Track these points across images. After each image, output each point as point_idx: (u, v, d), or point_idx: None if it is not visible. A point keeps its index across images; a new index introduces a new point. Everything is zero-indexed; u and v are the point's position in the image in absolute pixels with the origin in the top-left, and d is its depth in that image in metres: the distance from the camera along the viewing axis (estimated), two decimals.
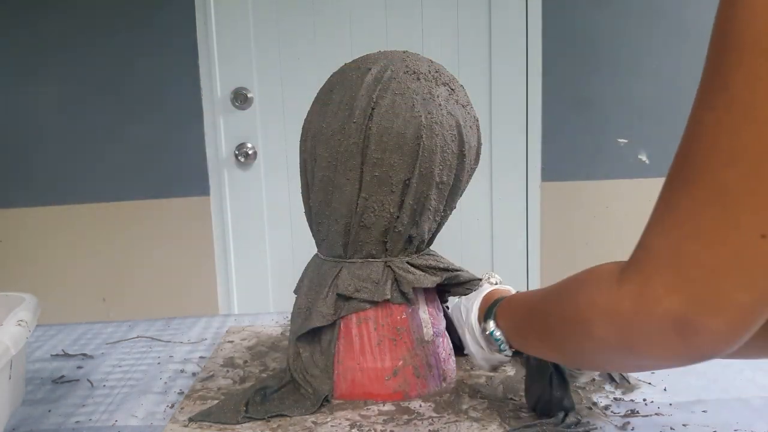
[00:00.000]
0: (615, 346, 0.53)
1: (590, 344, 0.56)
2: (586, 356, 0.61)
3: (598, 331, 0.53)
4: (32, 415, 0.86)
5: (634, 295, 0.49)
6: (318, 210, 0.86)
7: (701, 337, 0.46)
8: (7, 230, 2.06)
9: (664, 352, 0.49)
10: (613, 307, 0.51)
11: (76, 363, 1.04)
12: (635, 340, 0.50)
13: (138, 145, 2.03)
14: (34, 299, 0.85)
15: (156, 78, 2.01)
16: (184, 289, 2.09)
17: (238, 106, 2.05)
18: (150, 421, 0.83)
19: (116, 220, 2.06)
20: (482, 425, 0.77)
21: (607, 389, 0.86)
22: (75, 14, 1.98)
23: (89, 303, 2.08)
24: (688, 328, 0.46)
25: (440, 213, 0.87)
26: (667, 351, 0.49)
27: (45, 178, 2.05)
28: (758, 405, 0.81)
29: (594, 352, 0.57)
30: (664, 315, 0.47)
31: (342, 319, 0.85)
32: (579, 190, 2.13)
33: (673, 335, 0.47)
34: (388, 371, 0.84)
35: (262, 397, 0.83)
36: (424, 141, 0.79)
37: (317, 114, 0.85)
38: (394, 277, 0.84)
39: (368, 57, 0.86)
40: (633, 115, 2.11)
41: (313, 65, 2.05)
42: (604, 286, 0.52)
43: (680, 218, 0.46)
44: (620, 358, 0.56)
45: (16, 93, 2.00)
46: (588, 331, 0.54)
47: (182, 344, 1.11)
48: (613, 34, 2.07)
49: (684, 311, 0.46)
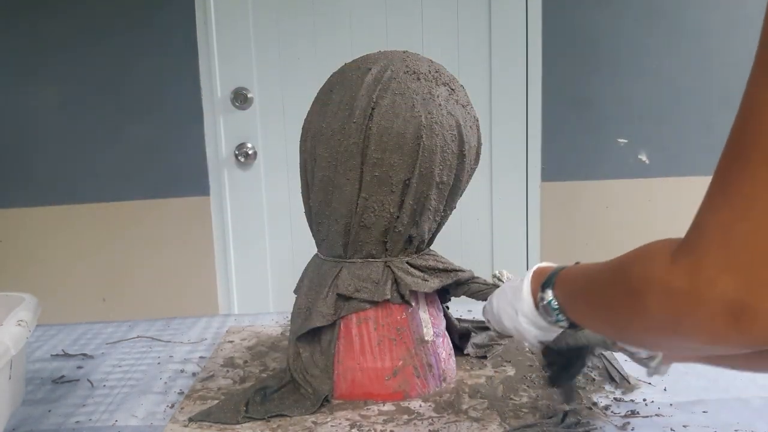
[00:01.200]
0: (663, 324, 0.51)
1: (639, 318, 0.54)
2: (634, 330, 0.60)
3: (649, 305, 0.52)
4: (32, 415, 0.86)
5: (687, 274, 0.48)
6: (318, 210, 0.86)
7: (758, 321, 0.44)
8: (7, 230, 2.06)
9: (712, 334, 0.47)
10: (666, 283, 0.50)
11: (76, 363, 1.04)
12: (684, 319, 0.49)
13: (138, 145, 2.03)
14: (34, 299, 0.85)
15: (156, 78, 2.01)
16: (184, 289, 2.09)
17: (238, 106, 2.05)
18: (150, 421, 0.83)
19: (116, 220, 2.06)
20: (482, 425, 0.77)
21: (607, 389, 0.86)
22: (75, 14, 1.97)
23: (89, 303, 2.07)
24: (745, 313, 0.45)
25: (440, 213, 0.87)
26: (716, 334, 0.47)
27: (45, 178, 2.05)
28: (758, 405, 0.81)
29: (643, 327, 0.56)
30: (719, 297, 0.45)
31: (342, 319, 0.85)
32: (579, 190, 2.13)
33: (725, 319, 0.45)
34: (388, 371, 0.84)
35: (262, 397, 0.83)
36: (424, 141, 0.79)
37: (317, 114, 0.85)
38: (394, 277, 0.84)
39: (368, 57, 0.86)
40: (633, 115, 2.11)
41: (313, 65, 2.05)
42: (658, 260, 0.51)
43: (733, 197, 0.45)
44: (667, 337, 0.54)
45: (16, 93, 1.99)
46: (639, 305, 0.53)
47: (182, 344, 1.11)
48: (613, 34, 2.07)
49: (739, 294, 0.44)
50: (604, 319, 0.65)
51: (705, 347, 0.52)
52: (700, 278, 0.46)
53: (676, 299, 0.49)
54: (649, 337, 0.58)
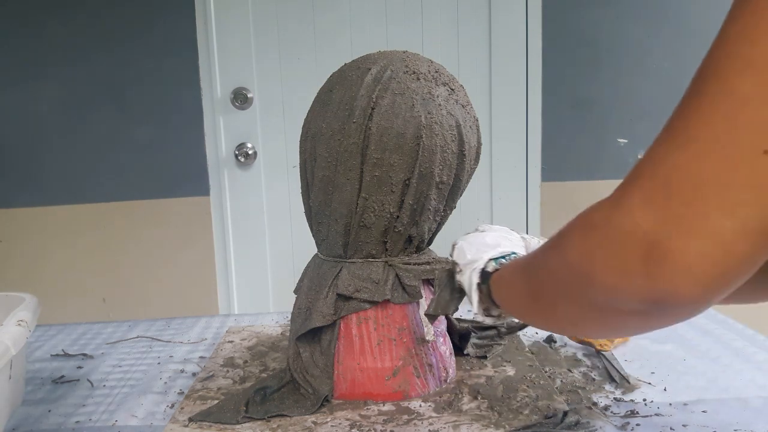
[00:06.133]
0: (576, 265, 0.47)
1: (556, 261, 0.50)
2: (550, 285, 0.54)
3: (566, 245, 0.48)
4: (32, 415, 0.86)
5: (607, 206, 0.44)
6: (318, 210, 0.86)
7: (666, 266, 0.39)
8: (7, 230, 2.06)
9: (623, 280, 0.42)
10: (586, 217, 0.46)
11: (76, 363, 1.04)
12: (597, 256, 0.44)
13: (138, 146, 2.03)
14: (34, 299, 0.85)
15: (156, 78, 2.01)
16: (184, 289, 2.09)
17: (238, 106, 2.05)
18: (150, 421, 0.83)
19: (116, 220, 2.06)
20: (482, 425, 0.77)
21: (607, 389, 0.87)
22: (75, 16, 1.98)
23: (89, 303, 2.07)
24: (654, 251, 0.39)
25: (440, 213, 0.87)
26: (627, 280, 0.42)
27: (45, 178, 2.05)
28: (758, 405, 0.81)
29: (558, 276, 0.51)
30: (632, 229, 0.41)
31: (342, 319, 0.85)
32: (579, 190, 2.13)
33: (636, 256, 0.40)
34: (388, 371, 0.84)
35: (262, 397, 0.83)
36: (424, 141, 0.79)
37: (317, 114, 0.85)
38: (394, 277, 0.85)
39: (368, 57, 0.86)
40: (633, 115, 2.11)
41: (313, 65, 2.05)
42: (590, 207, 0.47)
43: (676, 128, 0.41)
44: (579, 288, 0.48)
45: (17, 94, 2.00)
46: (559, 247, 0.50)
47: (182, 344, 1.11)
48: (613, 34, 2.07)
49: (654, 227, 0.40)
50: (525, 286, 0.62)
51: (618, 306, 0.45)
52: (620, 208, 0.42)
53: (590, 232, 0.45)
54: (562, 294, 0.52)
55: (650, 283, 0.40)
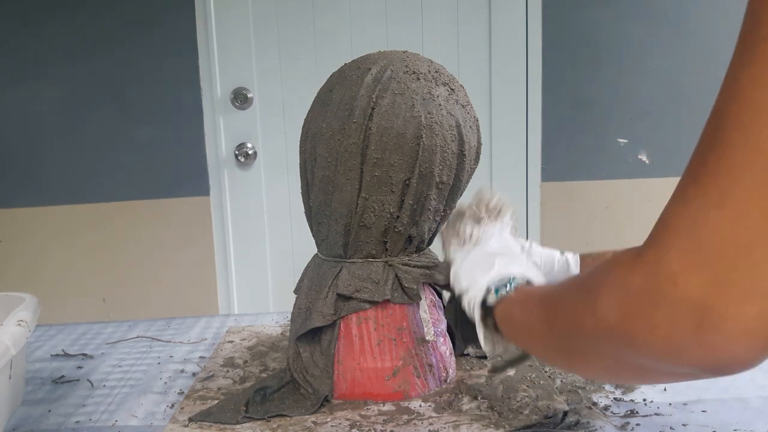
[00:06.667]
0: (615, 330, 0.44)
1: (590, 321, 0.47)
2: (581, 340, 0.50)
3: (600, 306, 0.45)
4: (32, 415, 0.86)
5: (646, 271, 0.41)
6: (318, 210, 0.86)
7: (722, 331, 0.38)
8: (7, 230, 2.06)
9: (668, 344, 0.40)
10: (622, 280, 0.43)
11: (76, 363, 1.04)
12: (641, 324, 0.41)
13: (138, 146, 2.03)
14: (34, 299, 0.85)
15: (156, 78, 2.01)
16: (184, 289, 2.09)
17: (238, 106, 2.05)
18: (150, 421, 0.83)
19: (116, 220, 2.06)
20: (482, 425, 0.77)
21: (607, 389, 0.86)
22: (75, 16, 1.98)
23: (89, 303, 2.08)
24: (708, 317, 0.38)
25: (440, 213, 0.87)
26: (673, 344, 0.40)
27: (45, 178, 2.05)
28: (758, 405, 0.81)
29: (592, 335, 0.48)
30: (681, 297, 0.38)
31: (342, 319, 0.85)
32: (579, 190, 2.13)
33: (685, 324, 0.39)
34: (388, 371, 0.84)
35: (262, 397, 0.83)
36: (424, 141, 0.79)
37: (317, 114, 0.85)
38: (394, 277, 0.85)
39: (368, 57, 0.86)
40: (633, 115, 2.11)
41: (313, 65, 2.05)
42: (619, 260, 0.44)
43: (706, 184, 0.39)
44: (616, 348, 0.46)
45: (17, 94, 2.00)
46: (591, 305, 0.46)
47: (182, 344, 1.11)
48: (613, 34, 2.07)
49: (705, 295, 0.37)
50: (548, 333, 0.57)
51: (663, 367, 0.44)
52: (660, 275, 0.40)
53: (631, 298, 0.42)
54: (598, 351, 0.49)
55: (705, 351, 0.39)
